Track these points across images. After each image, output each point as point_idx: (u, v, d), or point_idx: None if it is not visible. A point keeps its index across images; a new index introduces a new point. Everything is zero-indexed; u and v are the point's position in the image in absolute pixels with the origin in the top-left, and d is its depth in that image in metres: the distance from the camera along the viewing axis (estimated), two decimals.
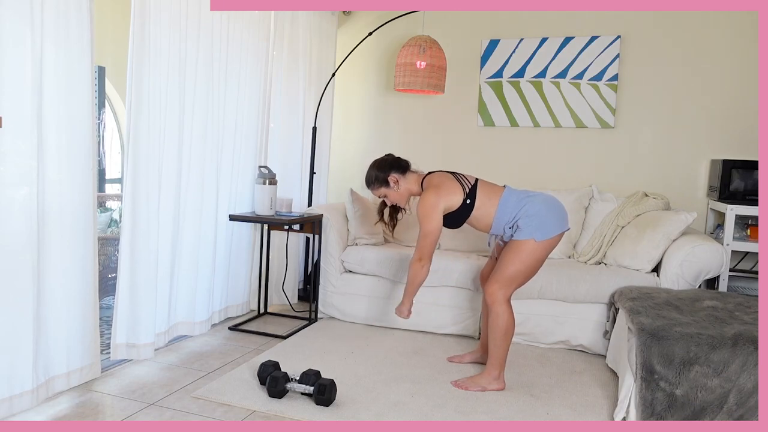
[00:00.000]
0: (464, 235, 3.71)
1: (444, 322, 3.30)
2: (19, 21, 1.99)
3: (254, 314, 3.61)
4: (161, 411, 2.23)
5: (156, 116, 2.64)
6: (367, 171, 2.73)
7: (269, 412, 2.25)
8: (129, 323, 2.66)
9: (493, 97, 4.04)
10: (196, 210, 3.00)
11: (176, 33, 2.71)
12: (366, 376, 2.65)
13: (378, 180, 2.69)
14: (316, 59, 4.06)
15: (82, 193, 2.29)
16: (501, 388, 2.55)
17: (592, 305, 3.07)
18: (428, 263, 2.58)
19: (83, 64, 2.23)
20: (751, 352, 2.09)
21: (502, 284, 2.51)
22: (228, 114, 3.18)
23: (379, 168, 2.69)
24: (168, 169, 2.77)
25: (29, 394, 2.14)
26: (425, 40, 3.74)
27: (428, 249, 2.56)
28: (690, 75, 3.68)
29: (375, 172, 2.70)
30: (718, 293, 2.79)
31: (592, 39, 3.81)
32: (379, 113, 4.37)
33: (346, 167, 4.47)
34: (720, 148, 3.66)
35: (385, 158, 2.73)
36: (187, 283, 3.02)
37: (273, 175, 3.35)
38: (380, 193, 2.72)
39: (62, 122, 2.19)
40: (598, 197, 3.66)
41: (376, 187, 2.71)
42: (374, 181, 2.70)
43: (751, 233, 3.39)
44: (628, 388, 2.29)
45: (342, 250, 3.54)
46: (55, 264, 2.23)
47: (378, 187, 2.70)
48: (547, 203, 2.54)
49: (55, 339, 2.27)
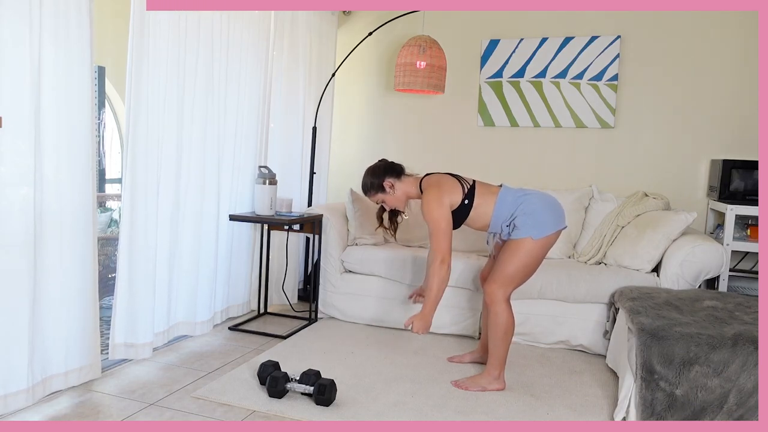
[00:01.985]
0: (464, 235, 3.71)
1: (444, 322, 3.30)
2: (18, 21, 1.99)
3: (254, 314, 3.61)
4: (161, 411, 2.23)
5: (155, 116, 2.64)
6: (363, 178, 2.72)
7: (269, 412, 2.25)
8: (127, 323, 2.66)
9: (493, 97, 4.04)
10: (196, 210, 3.00)
11: (176, 33, 2.71)
12: (366, 376, 2.65)
13: (374, 186, 2.68)
14: (316, 59, 4.06)
15: (81, 193, 2.29)
16: (501, 388, 2.55)
17: (592, 305, 3.07)
18: (449, 261, 2.47)
19: (83, 64, 2.23)
20: (751, 352, 2.09)
21: (501, 284, 2.51)
22: (228, 114, 3.18)
23: (374, 174, 2.68)
24: (167, 168, 2.77)
25: (24, 393, 2.13)
26: (425, 40, 3.74)
27: (446, 246, 2.46)
28: (690, 75, 3.68)
29: (370, 179, 2.68)
30: (718, 293, 2.79)
31: (592, 39, 3.81)
32: (379, 113, 4.37)
33: (346, 167, 4.47)
34: (720, 148, 3.66)
35: (379, 164, 2.71)
36: (188, 282, 3.02)
37: (273, 175, 3.35)
38: (377, 199, 2.71)
39: (62, 122, 2.19)
40: (598, 197, 3.66)
41: (372, 193, 2.70)
42: (370, 187, 2.69)
43: (751, 233, 3.39)
44: (628, 388, 2.29)
45: (342, 250, 3.54)
46: (53, 264, 2.23)
47: (375, 194, 2.69)
48: (543, 201, 2.53)
49: (53, 338, 2.27)
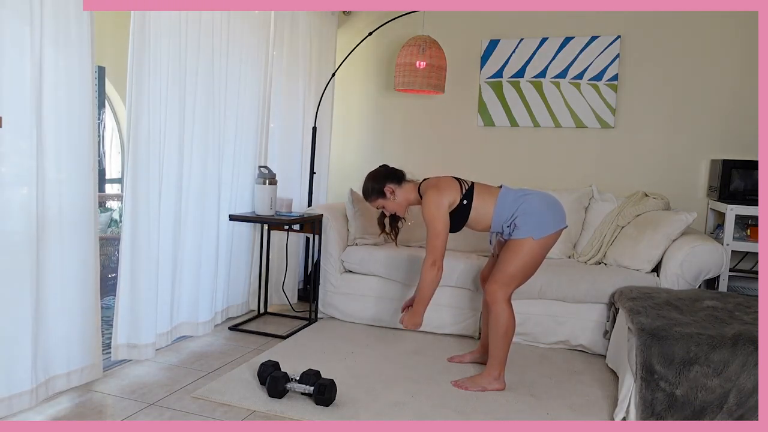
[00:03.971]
0: (464, 235, 3.70)
1: (444, 322, 3.30)
2: (18, 21, 1.98)
3: (254, 314, 3.60)
4: (161, 411, 2.23)
5: (156, 116, 2.64)
6: (363, 183, 2.73)
7: (269, 412, 2.25)
8: (130, 324, 2.66)
9: (493, 97, 4.04)
10: (197, 210, 3.00)
11: (176, 33, 2.71)
12: (366, 376, 2.65)
13: (374, 191, 2.69)
14: (316, 59, 4.05)
15: (82, 193, 2.29)
16: (501, 389, 2.55)
17: (592, 305, 3.07)
18: (442, 265, 2.54)
19: (84, 64, 2.22)
20: (751, 352, 2.09)
21: (502, 284, 2.51)
22: (228, 114, 3.18)
23: (375, 180, 2.69)
24: (168, 168, 2.77)
25: (28, 394, 2.13)
26: (425, 40, 3.73)
27: (441, 249, 2.52)
28: (690, 75, 3.68)
29: (371, 184, 2.70)
30: (718, 293, 2.79)
31: (592, 39, 3.81)
32: (379, 113, 4.37)
33: (346, 167, 4.47)
34: (720, 148, 3.66)
35: (380, 170, 2.73)
36: (190, 283, 3.02)
37: (273, 175, 3.35)
38: (378, 204, 2.72)
39: (62, 122, 2.18)
40: (598, 197, 3.66)
41: (373, 198, 2.71)
42: (371, 192, 2.70)
43: (751, 233, 3.38)
44: (628, 388, 2.29)
45: (342, 250, 3.54)
46: (54, 264, 2.22)
47: (375, 199, 2.70)
48: (544, 201, 2.54)
49: (55, 339, 2.27)
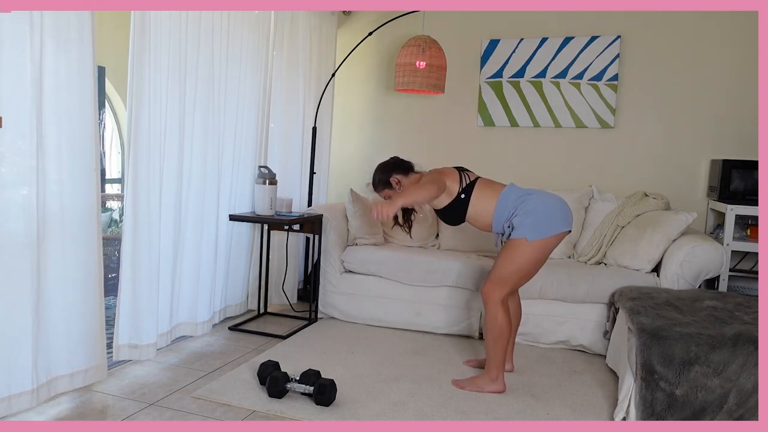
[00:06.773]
0: (464, 235, 3.71)
1: (444, 322, 3.30)
2: (19, 20, 1.98)
3: (254, 314, 3.60)
4: (161, 411, 2.23)
5: (156, 116, 2.64)
6: (373, 174, 2.78)
7: (269, 412, 2.25)
8: (132, 324, 2.66)
9: (493, 97, 4.04)
10: (197, 210, 3.00)
11: (176, 33, 2.71)
12: (366, 376, 2.65)
13: (381, 182, 2.73)
14: (316, 59, 4.05)
15: (84, 193, 2.29)
16: (499, 391, 2.51)
17: (592, 305, 3.07)
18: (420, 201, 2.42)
19: (84, 64, 2.22)
20: (751, 352, 2.09)
21: (496, 284, 2.49)
22: (228, 114, 3.18)
23: (382, 170, 2.73)
24: (169, 168, 2.77)
25: (28, 394, 2.13)
26: (425, 40, 3.73)
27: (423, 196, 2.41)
28: (690, 75, 3.68)
29: (378, 175, 2.74)
30: (718, 293, 2.79)
31: (592, 39, 3.81)
32: (379, 113, 4.37)
33: (346, 167, 4.47)
34: (720, 148, 3.66)
35: (389, 161, 2.77)
36: (190, 283, 3.02)
37: (273, 175, 3.35)
38: (385, 194, 2.75)
39: (63, 122, 2.18)
40: (598, 197, 3.66)
41: (380, 189, 2.75)
42: (378, 183, 2.74)
43: (751, 233, 3.38)
44: (628, 388, 2.29)
45: (342, 250, 3.54)
46: (56, 265, 2.22)
47: (382, 189, 2.74)
48: (546, 202, 2.48)
49: (57, 340, 2.27)
